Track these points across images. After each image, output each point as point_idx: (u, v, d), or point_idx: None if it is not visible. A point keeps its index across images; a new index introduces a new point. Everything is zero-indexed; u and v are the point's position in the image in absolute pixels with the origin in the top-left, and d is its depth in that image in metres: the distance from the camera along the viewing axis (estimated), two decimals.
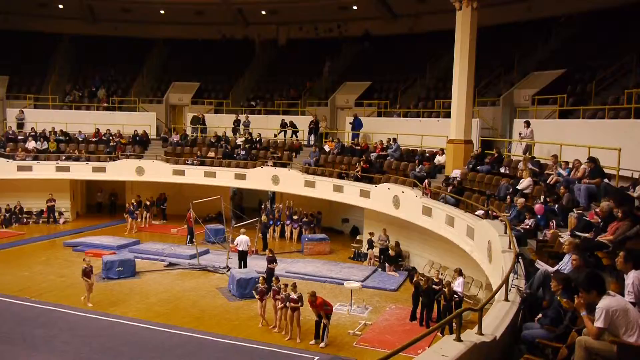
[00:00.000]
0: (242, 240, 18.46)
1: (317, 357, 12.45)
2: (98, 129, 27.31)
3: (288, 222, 23.55)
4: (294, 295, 13.32)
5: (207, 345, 12.95)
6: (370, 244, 20.29)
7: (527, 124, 17.03)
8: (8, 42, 30.00)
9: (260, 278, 14.95)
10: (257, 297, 14.46)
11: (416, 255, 19.71)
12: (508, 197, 13.54)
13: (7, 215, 25.06)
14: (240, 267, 18.37)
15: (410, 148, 21.91)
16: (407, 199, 17.94)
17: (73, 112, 28.74)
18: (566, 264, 7.54)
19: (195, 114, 28.10)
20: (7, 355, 12.28)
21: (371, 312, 15.51)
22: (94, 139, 27.04)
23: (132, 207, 24.59)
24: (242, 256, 18.50)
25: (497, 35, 24.30)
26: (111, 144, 26.53)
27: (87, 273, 15.24)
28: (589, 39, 21.41)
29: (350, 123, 24.58)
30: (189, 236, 22.33)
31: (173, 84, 30.89)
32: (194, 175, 24.82)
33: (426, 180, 17.87)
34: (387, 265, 19.04)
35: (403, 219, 18.41)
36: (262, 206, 24.36)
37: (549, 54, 22.63)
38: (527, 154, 16.69)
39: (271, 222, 23.48)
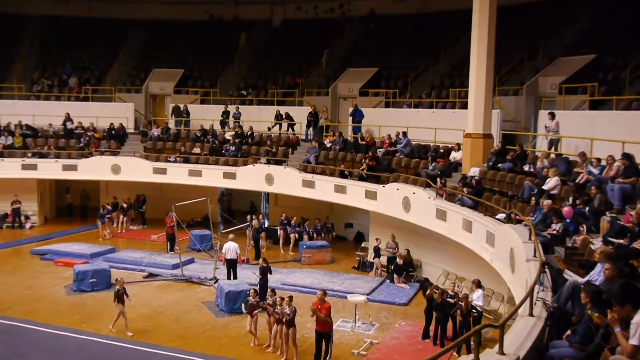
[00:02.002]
0: (230, 248, 18.45)
1: None
2: (68, 114, 27.18)
3: (281, 226, 23.48)
4: (288, 310, 13.31)
5: None
6: (377, 252, 20.28)
7: (552, 116, 17.05)
8: None
9: (252, 290, 14.94)
10: (244, 312, 14.44)
11: (429, 264, 19.71)
12: (533, 198, 13.54)
13: None
14: (229, 278, 18.36)
15: (422, 143, 21.89)
16: (419, 201, 17.94)
17: (41, 102, 28.74)
18: (598, 274, 7.55)
19: (175, 104, 28.00)
20: None
21: (378, 329, 15.50)
22: (64, 126, 26.89)
23: (103, 211, 24.50)
24: (231, 265, 18.50)
25: (520, 16, 24.30)
26: (83, 138, 26.51)
27: (120, 296, 14.83)
28: (622, 20, 21.39)
29: (350, 115, 24.58)
30: (169, 243, 22.32)
31: (153, 71, 30.87)
32: (177, 174, 24.81)
33: (440, 180, 17.86)
34: (396, 276, 19.04)
35: (414, 224, 18.40)
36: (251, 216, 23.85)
37: (578, 37, 22.63)
38: (552, 150, 16.72)
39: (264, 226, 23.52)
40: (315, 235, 23.20)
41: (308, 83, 29.44)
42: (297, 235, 23.10)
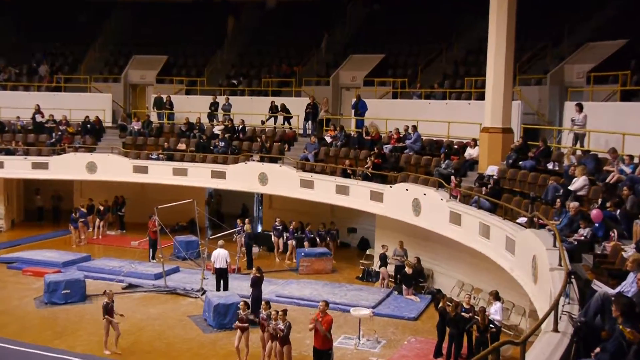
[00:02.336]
0: (220, 255, 18.46)
1: None
2: (38, 106, 27.11)
3: (275, 232, 23.43)
4: (281, 325, 13.31)
5: None
6: (384, 260, 20.28)
7: (580, 108, 17.06)
8: None
9: (242, 303, 14.94)
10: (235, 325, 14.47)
11: (441, 274, 19.72)
12: (558, 200, 13.55)
13: None
14: (218, 289, 18.37)
15: (434, 138, 21.92)
16: (430, 203, 17.94)
17: (8, 93, 28.71)
18: (630, 285, 7.55)
19: (158, 95, 27.95)
20: None
21: (385, 347, 15.50)
22: (33, 119, 26.83)
23: (76, 214, 24.41)
24: (221, 275, 18.51)
25: None
26: (55, 133, 26.47)
27: (109, 310, 14.70)
28: None
29: (352, 107, 24.53)
30: (152, 250, 22.32)
31: (133, 58, 30.86)
32: (160, 172, 24.80)
33: (454, 179, 17.85)
34: (404, 287, 19.04)
35: (425, 229, 18.40)
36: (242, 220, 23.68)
37: (608, 20, 22.61)
38: (578, 146, 16.71)
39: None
40: (319, 241, 23.14)
41: (306, 71, 29.42)
42: (294, 241, 23.05)
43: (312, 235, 23.11)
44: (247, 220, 22.69)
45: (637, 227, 10.11)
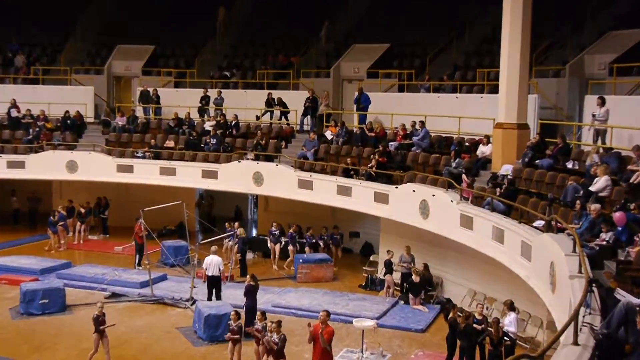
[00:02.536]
0: (212, 262, 18.46)
1: None
2: (14, 100, 27.03)
3: (271, 237, 23.40)
4: (276, 338, 13.31)
5: None
6: (389, 267, 20.28)
7: (601, 102, 17.06)
8: None
9: (232, 313, 14.95)
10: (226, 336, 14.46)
11: (452, 282, 19.72)
12: (577, 202, 13.54)
13: None
14: (209, 298, 18.38)
15: (444, 135, 21.93)
16: (440, 205, 17.95)
17: None
18: None
19: (144, 88, 27.94)
20: None
21: None
22: (8, 115, 26.84)
23: (55, 217, 24.35)
24: (213, 284, 18.51)
25: None
26: (33, 129, 26.46)
27: (101, 323, 14.48)
28: None
29: (354, 101, 24.52)
30: (138, 256, 22.33)
31: (118, 48, 30.88)
32: (146, 172, 24.82)
33: (465, 179, 17.85)
34: (411, 296, 19.05)
35: (433, 233, 18.42)
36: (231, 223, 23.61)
37: (632, 7, 22.61)
38: (598, 143, 16.71)
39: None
40: (322, 246, 23.09)
41: (305, 62, 29.46)
42: (292, 246, 23.01)
43: (314, 240, 23.08)
44: (236, 224, 22.67)
45: None
